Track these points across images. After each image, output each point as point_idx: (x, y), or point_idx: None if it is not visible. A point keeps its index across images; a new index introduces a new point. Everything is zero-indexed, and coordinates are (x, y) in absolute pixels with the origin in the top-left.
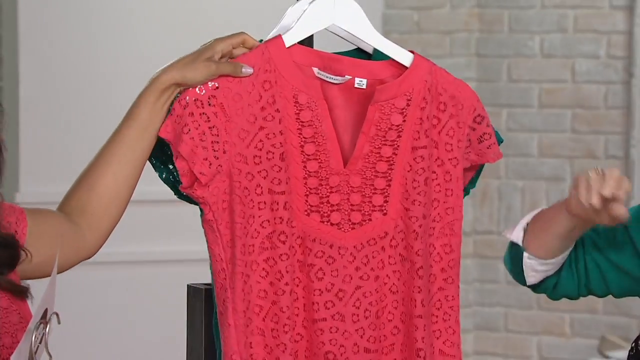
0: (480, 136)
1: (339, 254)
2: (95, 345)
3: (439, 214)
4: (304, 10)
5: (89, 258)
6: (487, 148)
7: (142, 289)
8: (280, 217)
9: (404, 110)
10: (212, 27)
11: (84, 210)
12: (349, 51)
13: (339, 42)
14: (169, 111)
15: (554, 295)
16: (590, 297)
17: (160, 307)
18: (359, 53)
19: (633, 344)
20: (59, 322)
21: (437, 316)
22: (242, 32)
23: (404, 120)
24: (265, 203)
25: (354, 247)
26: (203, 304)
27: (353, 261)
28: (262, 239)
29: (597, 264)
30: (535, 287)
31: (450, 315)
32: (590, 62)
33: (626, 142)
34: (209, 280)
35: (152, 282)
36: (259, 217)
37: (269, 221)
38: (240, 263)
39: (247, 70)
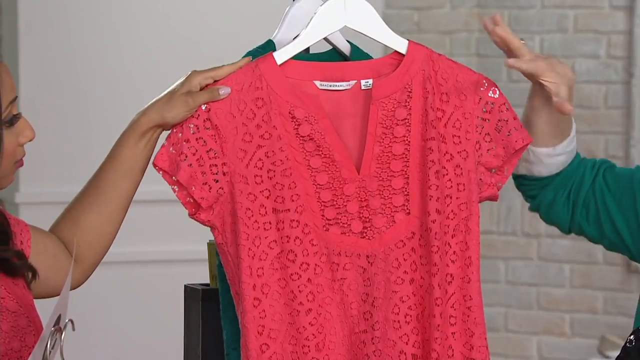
0: (497, 124)
1: (368, 262)
2: (91, 345)
3: (452, 210)
4: (314, 15)
5: (75, 289)
6: (508, 135)
7: (139, 289)
8: (287, 236)
9: (407, 103)
10: (214, 26)
11: (70, 242)
12: (324, 52)
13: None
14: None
15: (547, 217)
16: (591, 296)
17: (157, 307)
18: (335, 54)
19: (631, 337)
20: (73, 329)
21: (455, 317)
22: (223, 65)
23: (410, 114)
24: (270, 223)
25: (383, 252)
26: (200, 304)
27: (384, 267)
28: (271, 260)
29: (598, 211)
30: (533, 200)
31: (468, 316)
32: (590, 62)
33: (626, 142)
34: (205, 280)
35: (149, 283)
36: (266, 238)
37: (275, 241)
38: (246, 286)
39: (225, 90)
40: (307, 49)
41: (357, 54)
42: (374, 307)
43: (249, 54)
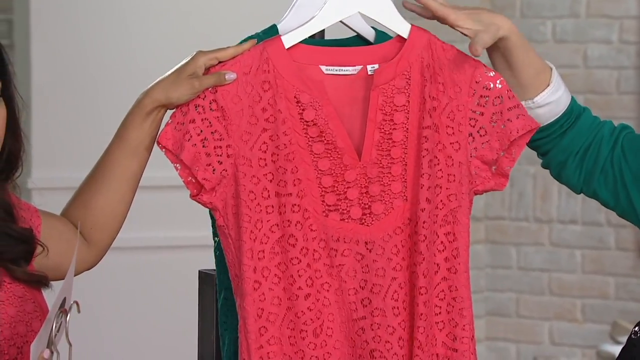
0: (491, 117)
1: (367, 248)
2: (104, 330)
3: (441, 200)
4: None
5: (89, 270)
6: (503, 127)
7: (152, 275)
8: (289, 220)
9: (405, 89)
10: (223, 10)
11: (82, 226)
12: (347, 39)
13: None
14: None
15: (557, 177)
16: (602, 282)
17: (171, 293)
18: (359, 40)
19: (636, 328)
20: (78, 311)
21: (440, 307)
22: (228, 47)
23: (408, 101)
24: (273, 207)
25: (382, 238)
26: (214, 289)
27: (383, 253)
28: (272, 244)
29: (615, 181)
30: (544, 157)
31: (453, 307)
32: (602, 47)
33: (638, 128)
34: None
35: (162, 268)
36: (268, 221)
37: (277, 225)
38: (247, 269)
39: (231, 76)
40: (323, 35)
41: (382, 40)
42: (373, 293)
43: (250, 38)
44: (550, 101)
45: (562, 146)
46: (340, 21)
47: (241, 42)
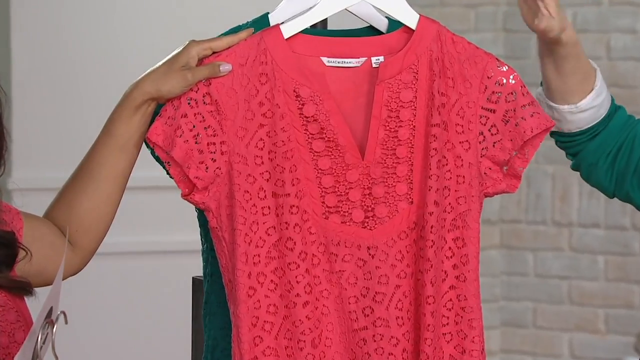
0: (504, 115)
1: (369, 254)
2: (93, 342)
3: (449, 203)
4: None
5: (74, 275)
6: (516, 126)
7: (144, 282)
8: (286, 222)
9: (413, 84)
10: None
11: (65, 228)
12: (359, 29)
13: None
14: (151, 121)
15: (588, 179)
16: (627, 290)
17: (163, 300)
18: (371, 31)
19: None
20: (66, 322)
21: (447, 317)
22: (223, 36)
23: (415, 97)
24: (269, 208)
25: (385, 243)
26: None
27: (386, 259)
28: (268, 247)
29: None
30: (574, 158)
31: (462, 317)
32: (626, 37)
33: None
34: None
35: (154, 275)
36: (264, 223)
37: (274, 227)
38: (241, 274)
39: (226, 67)
40: (325, 24)
41: (395, 29)
42: (375, 302)
43: (239, 27)
44: (593, 105)
45: (592, 147)
46: (349, 10)
47: (230, 30)
